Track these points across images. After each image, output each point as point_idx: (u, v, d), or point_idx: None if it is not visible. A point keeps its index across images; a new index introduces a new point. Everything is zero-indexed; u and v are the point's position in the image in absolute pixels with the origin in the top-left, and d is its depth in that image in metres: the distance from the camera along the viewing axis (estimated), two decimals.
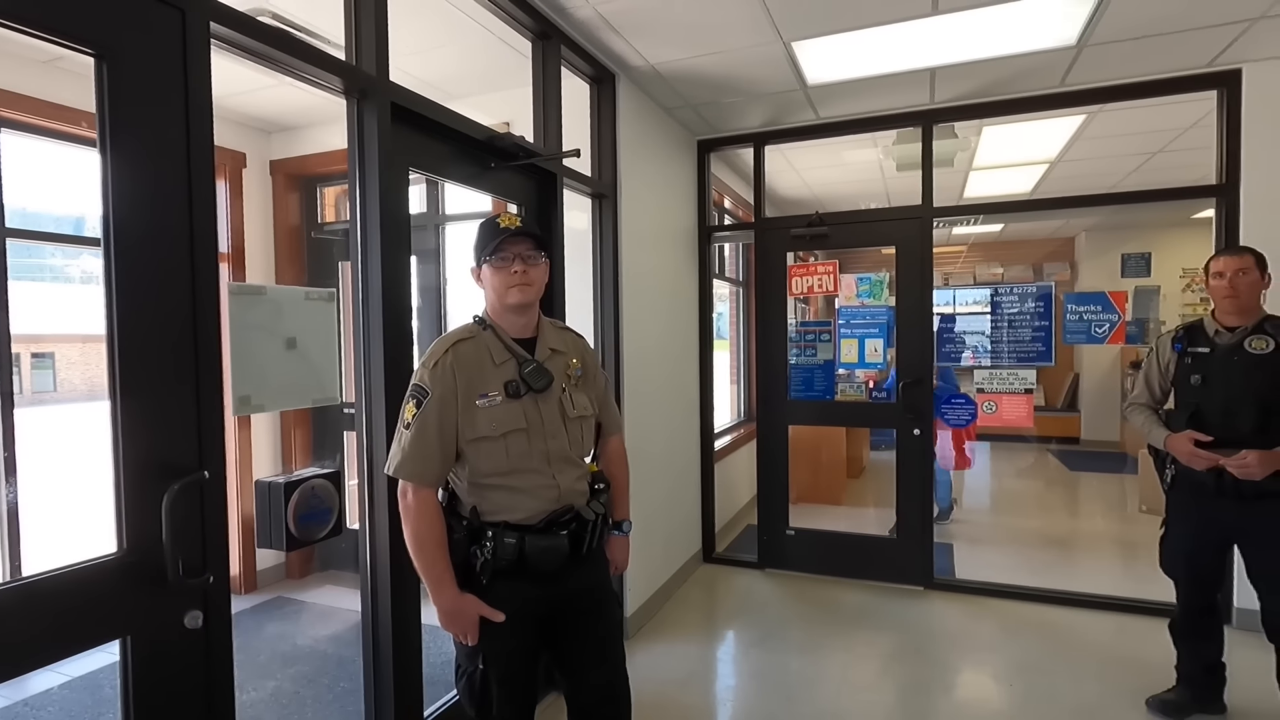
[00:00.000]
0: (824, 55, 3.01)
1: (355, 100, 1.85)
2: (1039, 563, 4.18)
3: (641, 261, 3.38)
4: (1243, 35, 2.83)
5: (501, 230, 1.54)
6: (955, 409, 3.80)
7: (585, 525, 1.59)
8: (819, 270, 3.97)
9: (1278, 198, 3.05)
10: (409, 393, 1.52)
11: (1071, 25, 2.76)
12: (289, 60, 1.64)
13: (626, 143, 3.21)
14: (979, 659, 2.98)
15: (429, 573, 1.49)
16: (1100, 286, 4.33)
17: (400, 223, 1.93)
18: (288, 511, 1.70)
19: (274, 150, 3.84)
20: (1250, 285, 2.21)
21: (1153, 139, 4.33)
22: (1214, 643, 2.43)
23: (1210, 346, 2.28)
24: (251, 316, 1.58)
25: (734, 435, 5.11)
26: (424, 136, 2.10)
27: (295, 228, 3.84)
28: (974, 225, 7.09)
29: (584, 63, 2.93)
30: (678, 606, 3.58)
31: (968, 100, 3.56)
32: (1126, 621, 3.25)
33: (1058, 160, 4.78)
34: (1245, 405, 2.17)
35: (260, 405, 1.59)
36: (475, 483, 1.54)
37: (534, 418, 1.55)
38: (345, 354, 1.94)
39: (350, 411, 1.93)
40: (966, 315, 4.07)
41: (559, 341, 1.68)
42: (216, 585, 1.35)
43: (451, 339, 1.56)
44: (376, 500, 1.85)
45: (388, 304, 1.86)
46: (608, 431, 1.82)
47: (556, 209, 2.69)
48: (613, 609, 1.72)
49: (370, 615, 1.88)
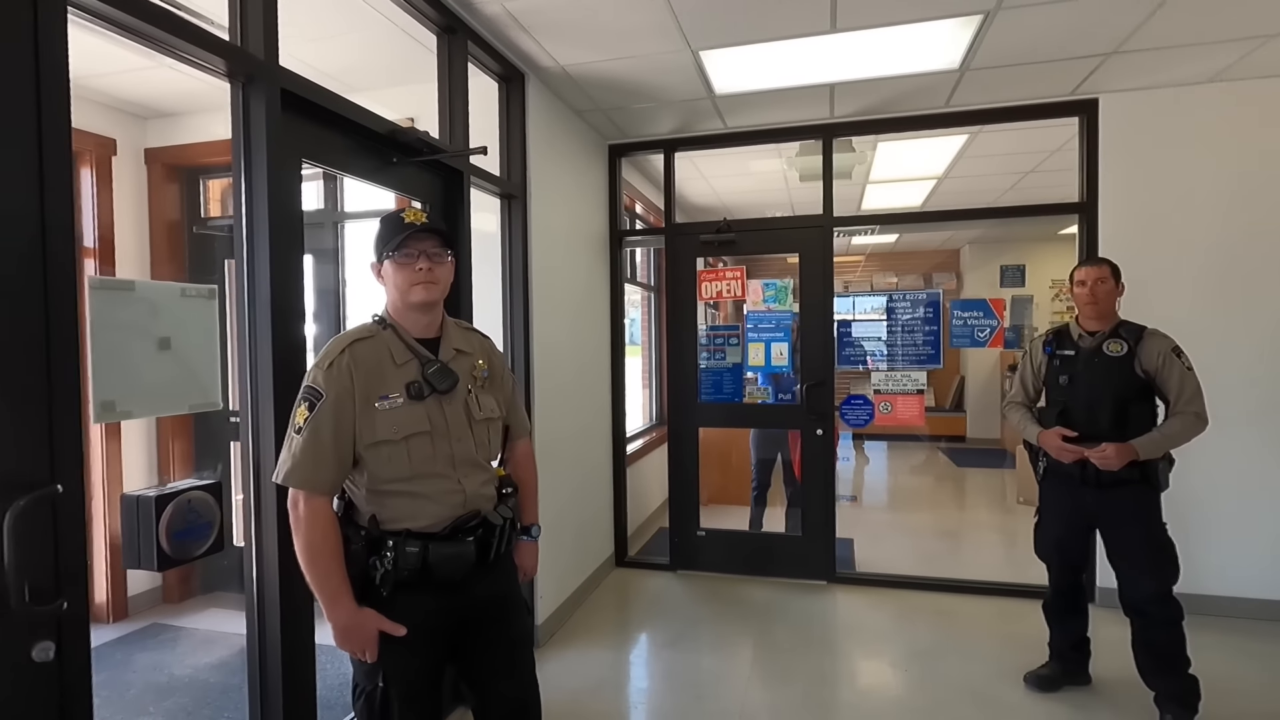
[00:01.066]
0: (731, 66, 3.09)
1: (240, 85, 1.72)
2: (931, 553, 4.46)
3: (552, 264, 3.34)
4: (1099, 68, 3.14)
5: (406, 226, 1.48)
6: (855, 409, 3.98)
7: (492, 531, 1.55)
8: (727, 275, 4.06)
9: (1131, 215, 3.40)
10: (301, 395, 1.43)
11: (955, 50, 2.96)
12: (164, 37, 1.51)
13: (537, 144, 3.17)
14: (878, 647, 3.12)
15: (323, 587, 1.40)
16: (982, 295, 4.67)
17: (291, 217, 1.81)
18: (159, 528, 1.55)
19: (150, 138, 3.53)
20: (1108, 293, 2.45)
21: (1025, 160, 4.72)
22: (1081, 619, 2.67)
23: (1075, 349, 2.50)
24: (118, 314, 1.43)
25: (646, 439, 5.14)
26: (319, 127, 1.98)
27: (175, 222, 3.54)
28: (871, 236, 7.50)
29: (492, 60, 2.87)
30: (590, 612, 3.55)
31: (864, 116, 3.75)
32: (1007, 604, 3.51)
33: (944, 176, 5.13)
34: (1104, 402, 2.39)
35: (127, 412, 1.44)
36: (375, 489, 1.46)
37: (438, 420, 1.49)
38: (232, 357, 1.80)
39: (238, 420, 1.80)
40: (865, 321, 4.28)
41: (464, 342, 1.62)
42: (72, 612, 1.21)
43: (348, 338, 1.48)
44: (264, 513, 1.73)
45: (277, 304, 1.74)
46: (515, 434, 1.78)
47: (463, 207, 2.62)
48: (522, 617, 1.68)
49: (257, 637, 1.74)
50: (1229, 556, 3.30)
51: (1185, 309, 3.22)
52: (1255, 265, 3.24)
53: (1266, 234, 3.22)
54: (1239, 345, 3.24)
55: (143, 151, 3.50)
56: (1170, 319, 2.61)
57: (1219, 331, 3.24)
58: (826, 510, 3.88)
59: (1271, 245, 3.21)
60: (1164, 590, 2.34)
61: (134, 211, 3.44)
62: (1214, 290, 3.29)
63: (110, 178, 3.33)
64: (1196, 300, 3.29)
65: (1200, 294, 3.30)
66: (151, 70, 2.97)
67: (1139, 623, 2.42)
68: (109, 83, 3.12)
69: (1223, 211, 3.29)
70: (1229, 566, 3.30)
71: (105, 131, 3.32)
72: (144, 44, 1.51)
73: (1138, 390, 2.38)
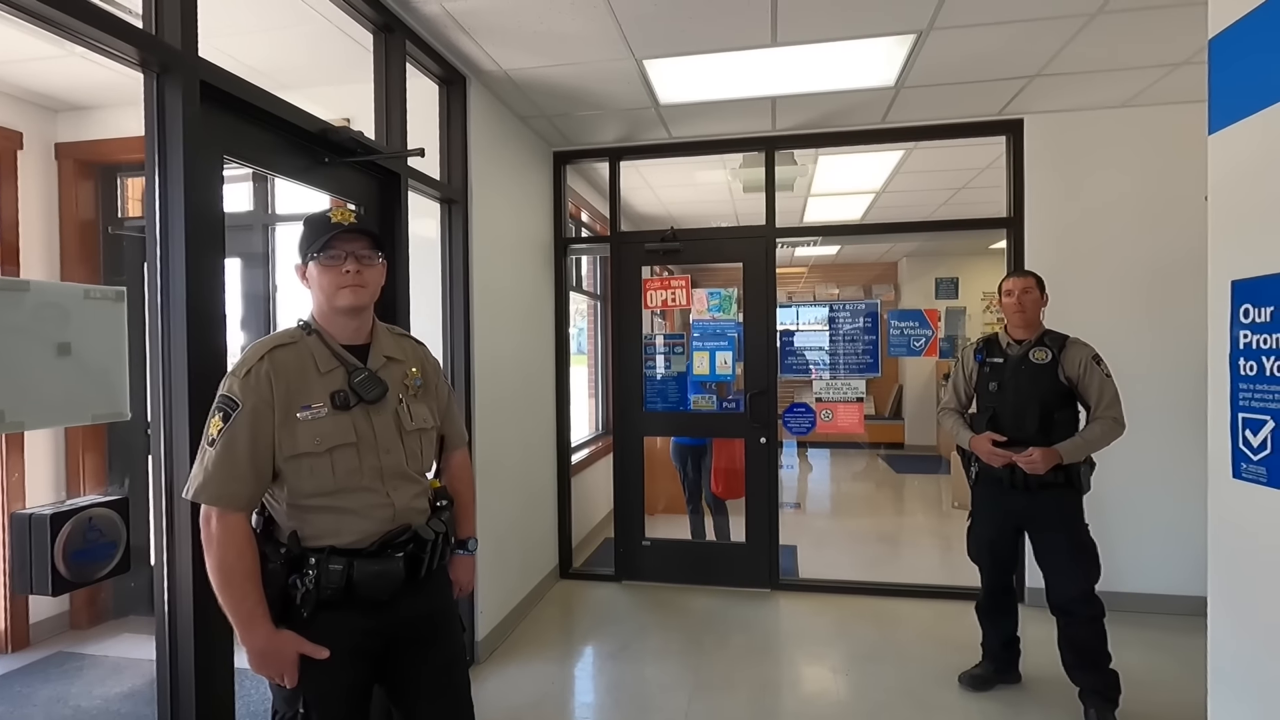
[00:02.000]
0: (675, 76, 3.11)
1: (155, 75, 1.62)
2: (871, 558, 4.55)
3: (495, 271, 3.28)
4: (1024, 90, 3.29)
5: (333, 225, 1.41)
6: (797, 417, 4.03)
7: (424, 545, 1.48)
8: (673, 284, 4.07)
9: (1054, 229, 3.57)
10: (215, 404, 1.34)
11: (891, 68, 3.06)
12: (69, 22, 1.41)
13: (479, 148, 3.11)
14: (819, 653, 3.15)
15: (237, 609, 1.32)
16: (918, 306, 4.83)
17: (211, 217, 1.72)
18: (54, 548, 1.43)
19: (61, 132, 3.31)
20: (1033, 303, 2.55)
21: (958, 176, 4.91)
22: (1011, 619, 2.76)
23: (1003, 357, 2.60)
24: (11, 317, 1.32)
25: (592, 449, 5.10)
26: (244, 123, 1.89)
27: (89, 221, 3.32)
28: (814, 248, 7.67)
29: (432, 62, 2.80)
30: (534, 625, 3.47)
31: (805, 130, 3.83)
32: (942, 606, 3.60)
33: (882, 190, 5.28)
34: (1031, 408, 2.49)
35: (19, 422, 1.33)
36: (296, 504, 1.38)
37: (365, 431, 1.42)
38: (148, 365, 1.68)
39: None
40: (808, 331, 4.34)
41: (396, 349, 1.56)
42: None
43: (268, 344, 1.39)
44: (177, 530, 1.62)
45: (194, 309, 1.64)
46: (451, 445, 1.72)
47: (400, 211, 2.54)
48: (455, 634, 1.62)
49: (168, 664, 1.63)
50: (1143, 554, 3.47)
51: (1103, 318, 3.39)
52: (1166, 277, 3.44)
53: (1175, 248, 3.43)
54: (1152, 352, 3.43)
55: (53, 146, 3.28)
56: (1089, 327, 2.76)
57: (1134, 339, 3.42)
58: (770, 518, 3.92)
59: (1179, 259, 3.42)
60: (1087, 589, 2.44)
61: (43, 209, 3.22)
62: (1129, 300, 3.49)
63: (16, 173, 3.11)
64: (1113, 309, 3.47)
65: (1116, 303, 3.49)
66: (62, 60, 2.79)
67: (1063, 621, 2.51)
68: (13, 71, 2.92)
69: (1136, 227, 3.49)
70: (1144, 564, 3.47)
71: (9, 124, 3.10)
72: (48, 29, 1.41)
73: (1061, 396, 2.48)
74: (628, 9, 2.52)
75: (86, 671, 2.91)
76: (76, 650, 3.08)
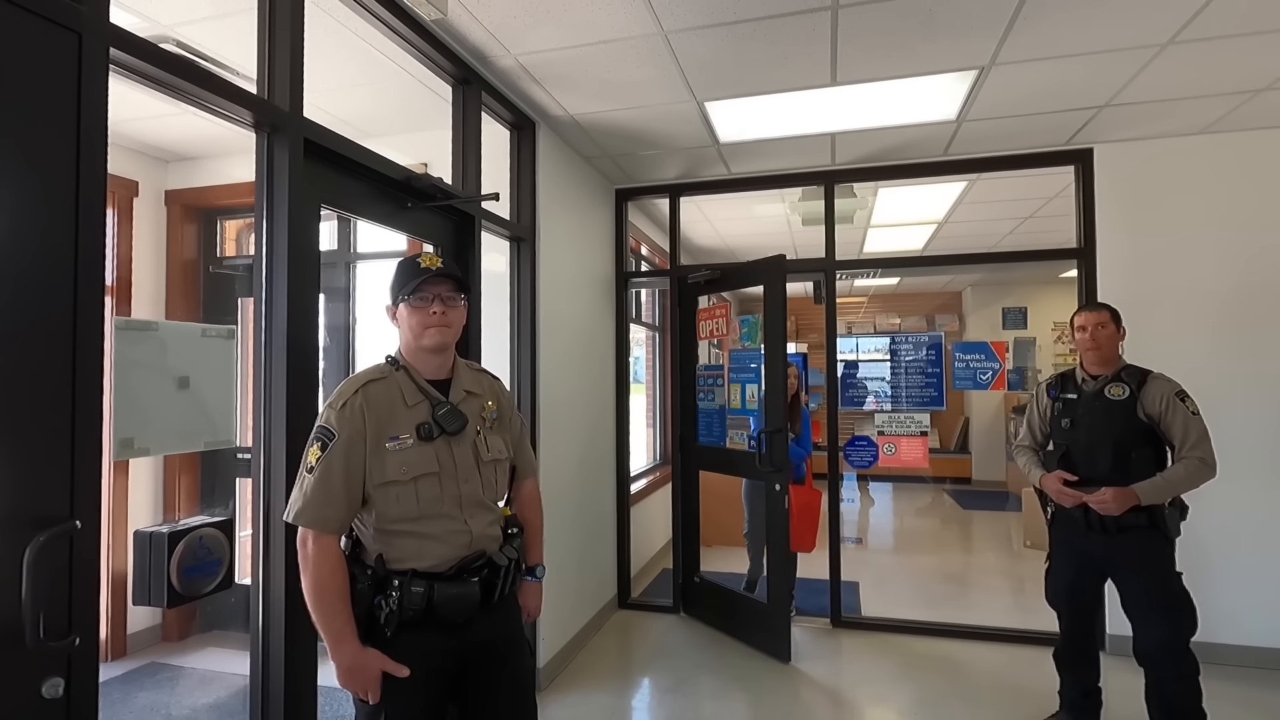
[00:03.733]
0: (736, 116, 3.20)
1: (266, 134, 1.80)
2: (937, 597, 4.39)
3: (559, 305, 3.40)
4: (1093, 120, 3.23)
5: (422, 270, 1.53)
6: (858, 450, 3.97)
7: (498, 571, 1.56)
8: (716, 314, 4.09)
9: (1127, 261, 3.45)
10: (314, 435, 1.46)
11: (952, 103, 3.06)
12: (197, 91, 1.59)
13: (546, 189, 3.26)
14: (882, 695, 3.07)
15: (329, 626, 1.41)
16: (984, 337, 4.72)
17: (309, 260, 1.87)
18: (170, 564, 1.56)
19: (171, 180, 3.64)
20: (1109, 338, 2.47)
21: (1024, 206, 4.81)
22: (1092, 669, 2.62)
23: (1078, 393, 2.52)
24: (140, 354, 1.48)
25: (650, 478, 5.13)
26: (338, 174, 2.06)
27: (191, 261, 3.63)
28: (874, 278, 7.58)
29: (504, 109, 2.97)
30: (592, 654, 3.50)
31: (865, 163, 3.85)
32: (1015, 651, 3.45)
33: (945, 221, 5.21)
34: (1104, 446, 2.40)
35: (145, 449, 1.48)
36: (382, 529, 1.48)
37: (446, 461, 1.52)
38: (244, 395, 1.84)
39: (245, 457, 1.82)
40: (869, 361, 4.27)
41: (474, 383, 1.66)
42: (83, 649, 1.23)
43: (361, 379, 1.51)
44: (272, 550, 1.74)
45: (293, 343, 1.78)
46: (522, 475, 1.80)
47: (474, 251, 2.69)
48: (524, 659, 1.68)
49: (260, 677, 1.74)
50: (1239, 603, 3.25)
51: (1188, 353, 3.24)
52: (1256, 311, 3.28)
53: (1261, 281, 3.27)
54: (1245, 389, 3.25)
55: (163, 193, 3.60)
56: (1173, 363, 2.62)
57: (1224, 377, 3.25)
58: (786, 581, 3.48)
59: (1267, 291, 3.25)
60: (1178, 642, 2.30)
61: (152, 251, 3.53)
62: (1215, 335, 3.32)
63: (131, 218, 3.42)
64: (1199, 345, 3.32)
65: (1201, 339, 3.33)
66: (176, 116, 3.08)
67: (1152, 675, 2.37)
68: (135, 128, 3.24)
69: (1217, 258, 3.34)
70: (1240, 614, 3.25)
71: (129, 174, 3.43)
72: (178, 97, 1.59)
73: (1140, 434, 2.38)
74: (691, 57, 2.62)
75: (178, 681, 3.10)
76: (168, 661, 3.28)
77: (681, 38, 2.49)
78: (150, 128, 3.25)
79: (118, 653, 3.26)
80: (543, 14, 2.32)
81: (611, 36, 2.48)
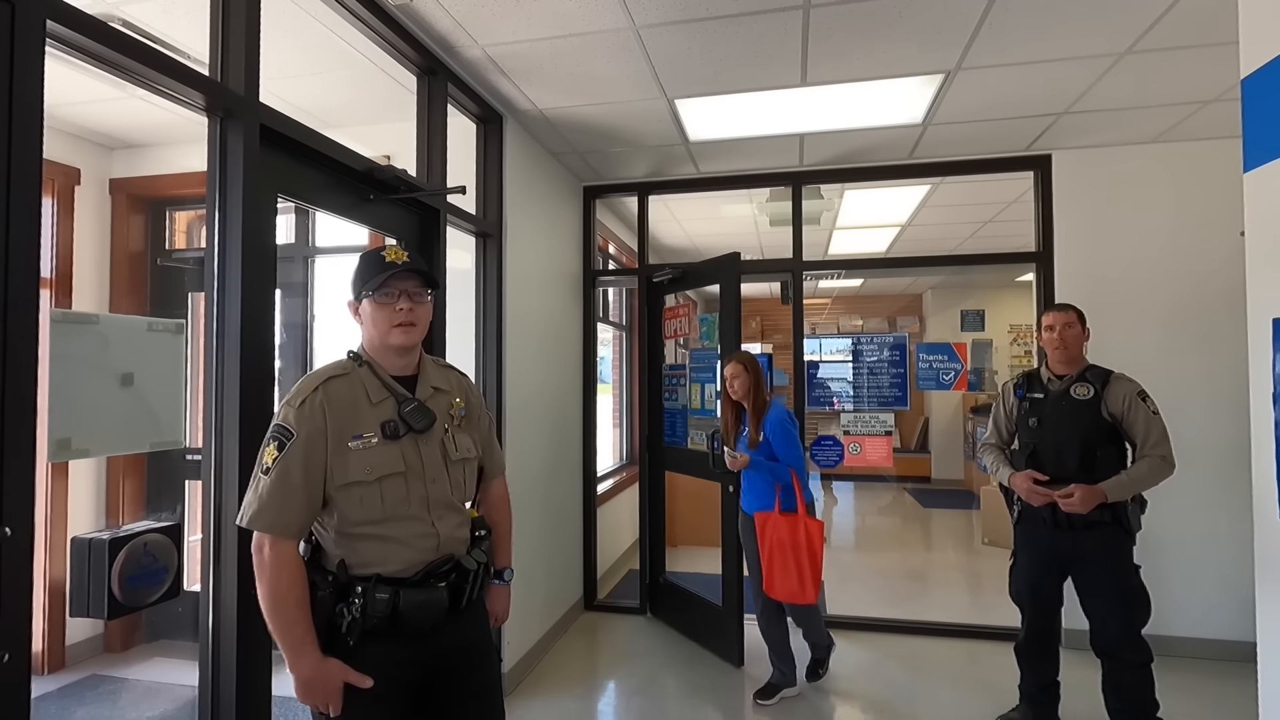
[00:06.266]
0: (705, 114, 3.18)
1: (219, 120, 1.71)
2: (899, 594, 4.46)
3: (526, 302, 3.34)
4: (1052, 126, 3.31)
5: (388, 265, 1.46)
6: (825, 450, 4.00)
7: (466, 576, 1.50)
8: (680, 313, 4.08)
9: (1084, 265, 3.55)
10: (270, 434, 1.38)
11: (918, 106, 3.10)
12: (144, 72, 1.50)
13: (513, 184, 3.19)
14: (848, 691, 3.09)
15: (287, 636, 1.34)
16: (944, 339, 4.80)
17: (265, 253, 1.79)
18: (112, 573, 1.47)
19: (116, 168, 3.46)
20: (1075, 338, 2.52)
21: (985, 210, 4.91)
22: (1052, 663, 2.67)
23: (1044, 392, 2.57)
24: (79, 348, 1.38)
25: (616, 478, 5.09)
26: (296, 163, 1.97)
27: (138, 253, 3.46)
28: (838, 280, 7.68)
29: (471, 102, 2.90)
30: (558, 657, 3.45)
31: (832, 165, 3.88)
32: (975, 646, 3.52)
33: (908, 224, 5.30)
34: (1071, 445, 2.44)
35: (84, 450, 1.38)
36: (344, 532, 1.41)
37: (413, 460, 1.45)
38: (195, 393, 1.74)
39: (195, 458, 1.73)
40: (832, 363, 4.31)
41: (442, 380, 1.60)
42: (12, 665, 1.14)
43: (322, 375, 1.44)
44: (224, 557, 1.65)
45: (247, 340, 1.70)
46: (490, 474, 1.75)
47: (439, 246, 2.61)
48: (492, 665, 1.63)
49: (210, 688, 1.65)
50: (1191, 597, 3.37)
51: (1140, 353, 3.33)
52: (1206, 313, 3.40)
53: (1212, 285, 3.39)
54: (1195, 389, 3.37)
55: (108, 181, 3.43)
56: (1125, 363, 2.70)
57: (1175, 375, 3.35)
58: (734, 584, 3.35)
59: (1217, 295, 3.38)
60: (1134, 634, 2.37)
61: (95, 242, 3.36)
62: (1168, 336, 3.44)
63: (72, 207, 3.25)
64: (1153, 347, 3.43)
65: (1155, 340, 3.44)
66: (121, 101, 2.93)
67: (1109, 665, 2.43)
68: (77, 111, 3.07)
69: (1170, 261, 3.46)
70: (1191, 607, 3.37)
71: (70, 160, 3.25)
72: (124, 77, 1.50)
73: (1105, 433, 2.44)
74: (662, 53, 2.60)
75: (120, 694, 2.94)
76: (110, 673, 3.12)
77: (653, 33, 2.46)
78: (94, 112, 3.09)
79: (55, 665, 3.08)
80: (511, 4, 2.27)
81: (582, 30, 2.44)
